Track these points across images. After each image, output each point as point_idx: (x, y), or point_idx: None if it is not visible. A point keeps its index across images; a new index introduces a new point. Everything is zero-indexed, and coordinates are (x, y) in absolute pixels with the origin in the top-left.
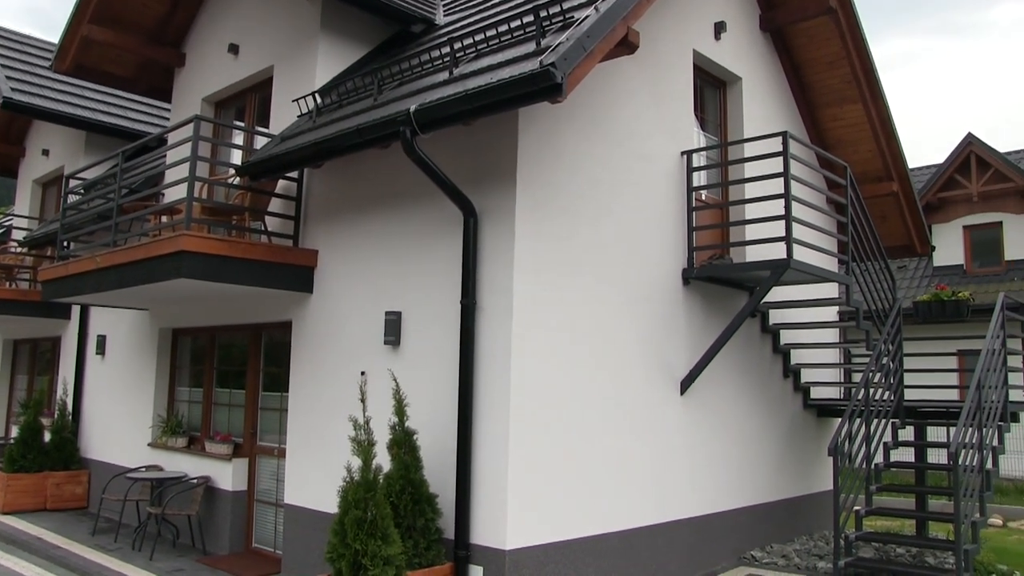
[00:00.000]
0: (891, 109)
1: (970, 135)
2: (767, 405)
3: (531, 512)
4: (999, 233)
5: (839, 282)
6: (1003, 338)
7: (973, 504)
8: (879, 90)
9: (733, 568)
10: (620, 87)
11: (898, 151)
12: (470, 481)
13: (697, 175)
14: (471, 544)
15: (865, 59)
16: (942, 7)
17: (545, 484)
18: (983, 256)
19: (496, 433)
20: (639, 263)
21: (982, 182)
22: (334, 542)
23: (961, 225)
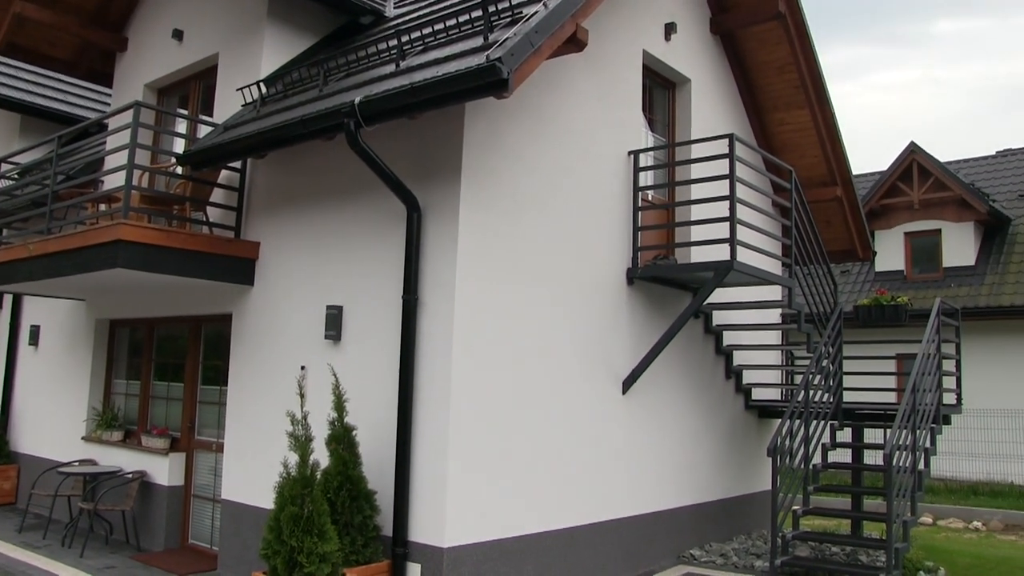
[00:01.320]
0: (837, 115)
1: (913, 144)
2: (709, 405)
3: (470, 510)
4: (938, 240)
5: (782, 285)
6: (938, 343)
7: (905, 504)
8: (826, 96)
9: (672, 567)
10: (568, 85)
11: (843, 157)
12: (409, 478)
13: (644, 175)
14: (409, 541)
15: (813, 65)
16: (887, 19)
17: (485, 482)
18: (922, 262)
19: (436, 430)
20: (584, 262)
21: (923, 190)
22: (269, 538)
23: (902, 232)
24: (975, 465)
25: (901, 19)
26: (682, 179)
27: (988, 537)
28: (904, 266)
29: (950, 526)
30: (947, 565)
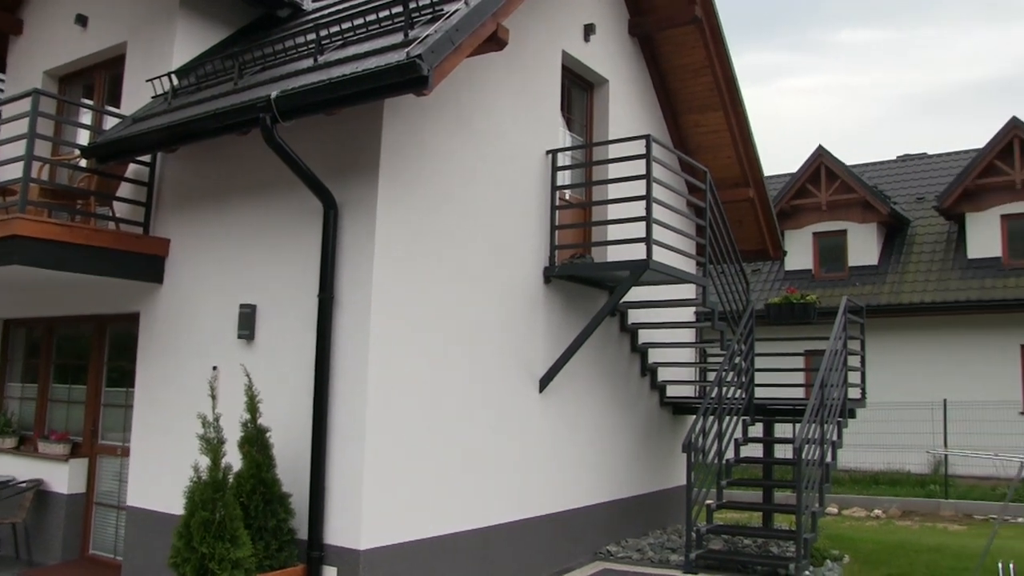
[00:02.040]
0: (749, 118)
1: (820, 148)
2: (624, 403)
3: (387, 511)
4: (844, 241)
5: (696, 283)
6: (845, 339)
7: (813, 495)
8: (739, 99)
9: (589, 563)
10: (488, 83)
11: (755, 159)
12: (324, 480)
13: (561, 174)
14: (325, 544)
15: (727, 69)
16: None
17: (402, 483)
18: (829, 262)
19: (352, 430)
20: (501, 260)
21: (830, 192)
22: (178, 546)
23: (811, 232)
24: (876, 456)
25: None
26: (599, 179)
27: (888, 524)
28: (812, 265)
29: (854, 515)
30: (851, 552)
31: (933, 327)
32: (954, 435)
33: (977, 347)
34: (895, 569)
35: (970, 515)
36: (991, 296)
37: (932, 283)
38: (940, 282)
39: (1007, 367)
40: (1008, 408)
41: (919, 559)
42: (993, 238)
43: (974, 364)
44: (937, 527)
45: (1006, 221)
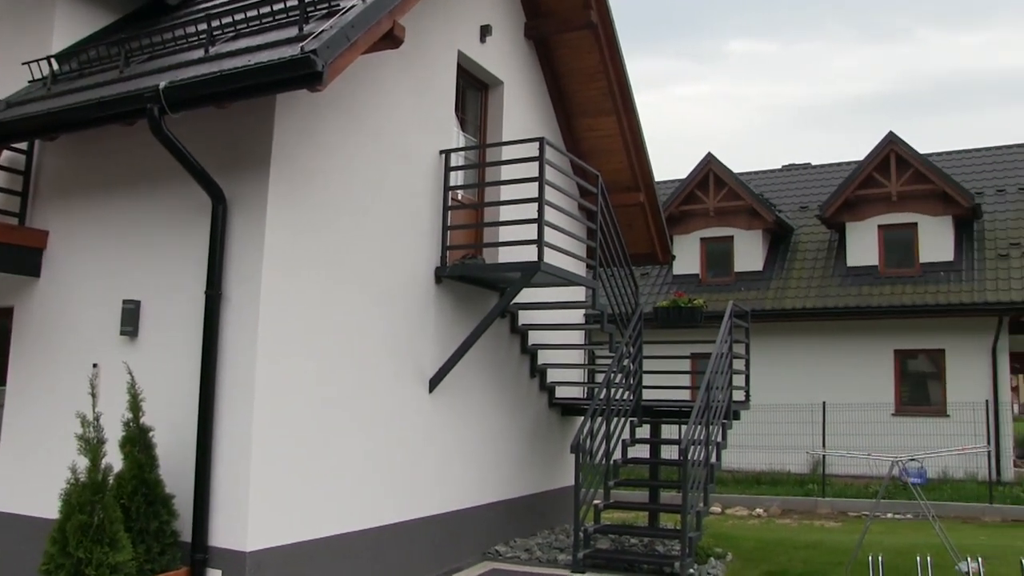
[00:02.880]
0: (642, 124)
1: (710, 155)
2: (514, 404)
3: (275, 512)
4: (730, 246)
5: (586, 286)
6: (730, 343)
7: (698, 495)
8: (632, 105)
9: (478, 563)
10: (383, 82)
11: (646, 164)
12: (210, 480)
13: (455, 175)
14: (210, 547)
15: (621, 74)
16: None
17: (290, 483)
18: (716, 267)
19: (239, 429)
20: (393, 259)
21: (718, 199)
22: (52, 551)
23: (699, 237)
24: (758, 456)
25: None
26: (492, 180)
27: (769, 522)
28: (700, 270)
29: (736, 514)
30: (734, 550)
31: (814, 332)
32: (832, 436)
33: (855, 352)
34: (775, 565)
35: (845, 512)
36: (868, 303)
37: (814, 290)
38: (821, 289)
39: (882, 371)
40: (882, 410)
41: (797, 555)
42: (871, 247)
43: (852, 368)
44: (815, 524)
45: (883, 231)
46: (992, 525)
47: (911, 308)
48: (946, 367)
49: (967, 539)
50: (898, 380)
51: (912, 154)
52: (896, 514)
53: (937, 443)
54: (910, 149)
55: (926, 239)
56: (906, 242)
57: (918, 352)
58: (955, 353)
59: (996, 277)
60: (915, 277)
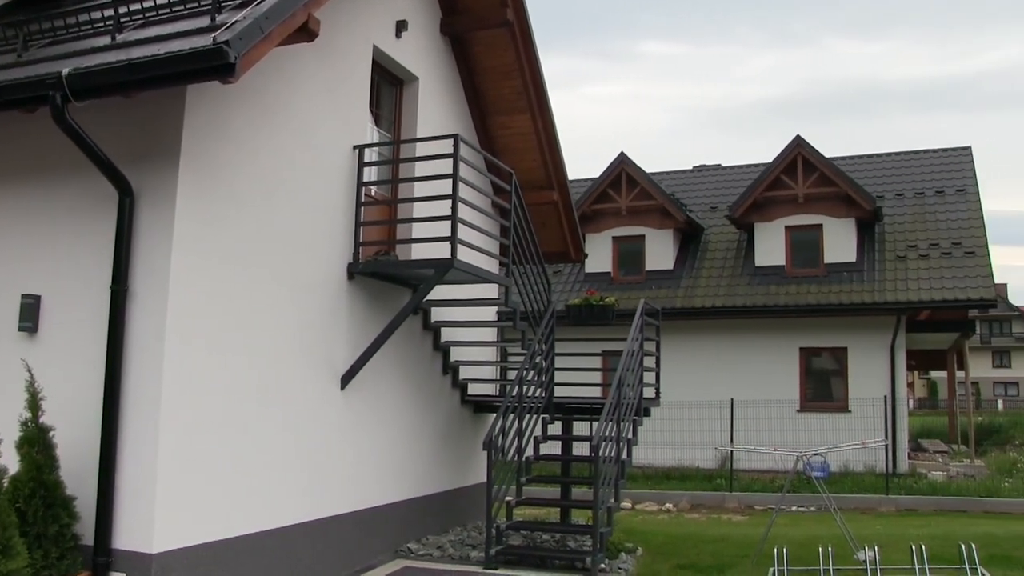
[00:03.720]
0: (556, 123)
1: (623, 154)
2: (426, 401)
3: (182, 511)
4: (642, 245)
5: (499, 283)
6: (641, 341)
7: (609, 491)
8: (546, 103)
9: (390, 561)
10: (297, 75)
11: (560, 162)
12: (114, 480)
13: (368, 170)
14: (113, 549)
15: (536, 73)
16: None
17: (199, 482)
18: (628, 265)
19: (145, 428)
20: (305, 255)
21: (630, 198)
22: None
23: (611, 236)
24: (668, 452)
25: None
26: (406, 176)
27: (678, 517)
28: (612, 268)
29: (646, 509)
30: (644, 544)
31: (723, 330)
32: (740, 432)
33: (762, 349)
34: (684, 559)
35: (752, 506)
36: (775, 302)
37: (723, 288)
38: (730, 288)
39: (788, 368)
40: (788, 406)
41: (706, 549)
42: (778, 248)
43: (759, 365)
44: (722, 518)
45: (790, 232)
46: (888, 515)
47: (816, 307)
48: (848, 364)
49: (865, 529)
50: (803, 377)
51: (818, 157)
52: (800, 507)
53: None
54: (816, 153)
55: (830, 240)
56: (812, 243)
57: (822, 350)
58: (856, 351)
59: (895, 278)
60: (820, 277)
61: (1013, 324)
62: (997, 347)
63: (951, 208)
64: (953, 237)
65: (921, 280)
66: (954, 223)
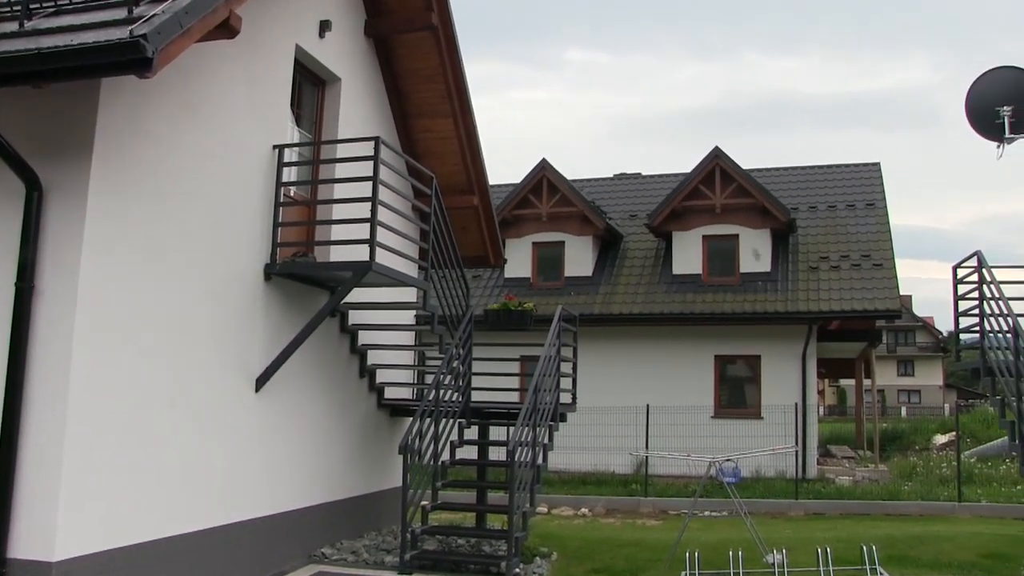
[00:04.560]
0: (478, 127)
1: (544, 161)
2: (342, 404)
3: (88, 517)
4: (561, 251)
5: (418, 287)
6: (558, 346)
7: (525, 496)
8: (469, 108)
9: (303, 567)
10: (217, 72)
11: (481, 167)
12: (13, 486)
13: (288, 170)
14: (9, 559)
15: (459, 77)
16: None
17: (105, 486)
18: (547, 271)
19: (50, 429)
20: (221, 254)
21: (551, 204)
22: None
23: (531, 242)
24: (585, 458)
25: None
26: (326, 177)
27: (593, 521)
28: (531, 274)
29: (562, 514)
30: (559, 549)
31: (640, 337)
32: (655, 438)
33: (678, 356)
34: (599, 563)
35: (666, 511)
36: (692, 310)
37: (641, 296)
38: (648, 295)
39: (703, 375)
40: (702, 412)
41: (620, 553)
42: (695, 256)
43: (675, 372)
44: (637, 523)
45: (707, 241)
46: (797, 519)
47: (731, 316)
48: (761, 372)
49: (775, 533)
50: (717, 384)
51: (735, 169)
52: (713, 511)
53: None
54: (734, 164)
55: (746, 250)
56: (728, 252)
57: (736, 358)
58: (769, 359)
59: (807, 288)
60: (735, 286)
61: (917, 334)
62: (902, 356)
63: (861, 222)
64: (862, 250)
65: (832, 291)
66: (863, 236)
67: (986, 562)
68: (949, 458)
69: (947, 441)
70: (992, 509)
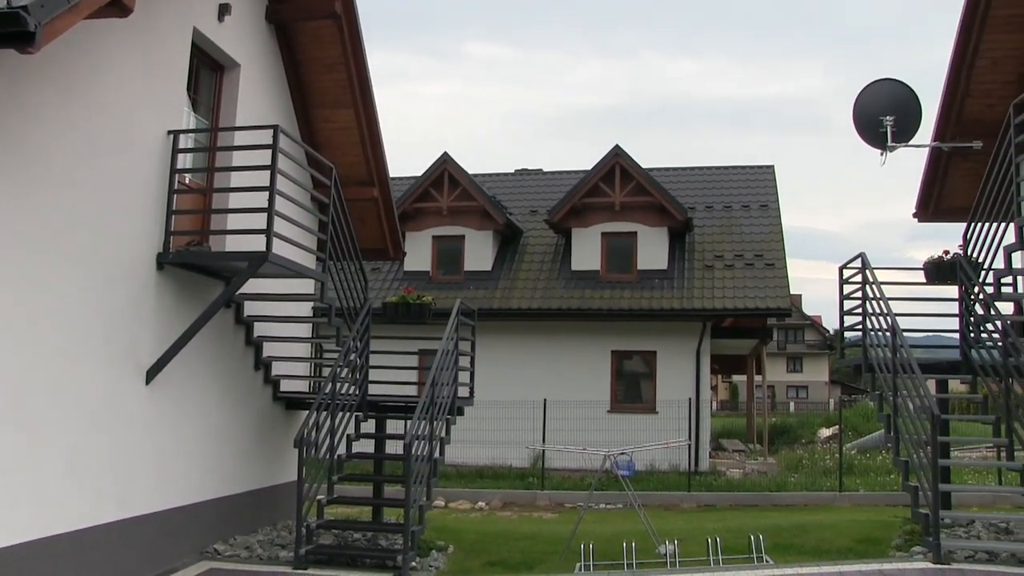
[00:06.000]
0: (380, 119)
1: (446, 154)
2: (237, 397)
3: None
4: (461, 245)
5: (315, 279)
6: (456, 340)
7: (421, 490)
8: (371, 99)
9: (194, 564)
10: (109, 52)
11: (382, 159)
12: None
13: (183, 157)
14: None
15: (362, 68)
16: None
17: None
18: (447, 265)
19: None
20: (111, 242)
21: (452, 198)
22: None
23: (431, 235)
24: (482, 451)
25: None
26: (223, 165)
27: (490, 515)
28: (431, 267)
29: (459, 507)
30: (456, 542)
31: (539, 332)
32: (552, 432)
33: (576, 351)
34: (494, 556)
35: (562, 504)
36: (590, 306)
37: (539, 291)
38: (547, 290)
39: (600, 370)
40: (599, 407)
41: (516, 546)
42: (594, 253)
43: (572, 367)
44: (534, 516)
45: (606, 239)
46: (689, 511)
47: (628, 312)
48: (657, 367)
49: (667, 524)
50: (614, 379)
51: (635, 167)
52: (608, 504)
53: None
54: (633, 163)
55: (644, 248)
56: (626, 250)
57: (633, 353)
58: (665, 354)
59: (702, 286)
60: (633, 283)
61: (806, 332)
62: (791, 353)
63: (755, 222)
64: (756, 249)
65: (726, 289)
66: (757, 236)
67: (860, 547)
68: (832, 450)
69: (831, 434)
70: (869, 497)
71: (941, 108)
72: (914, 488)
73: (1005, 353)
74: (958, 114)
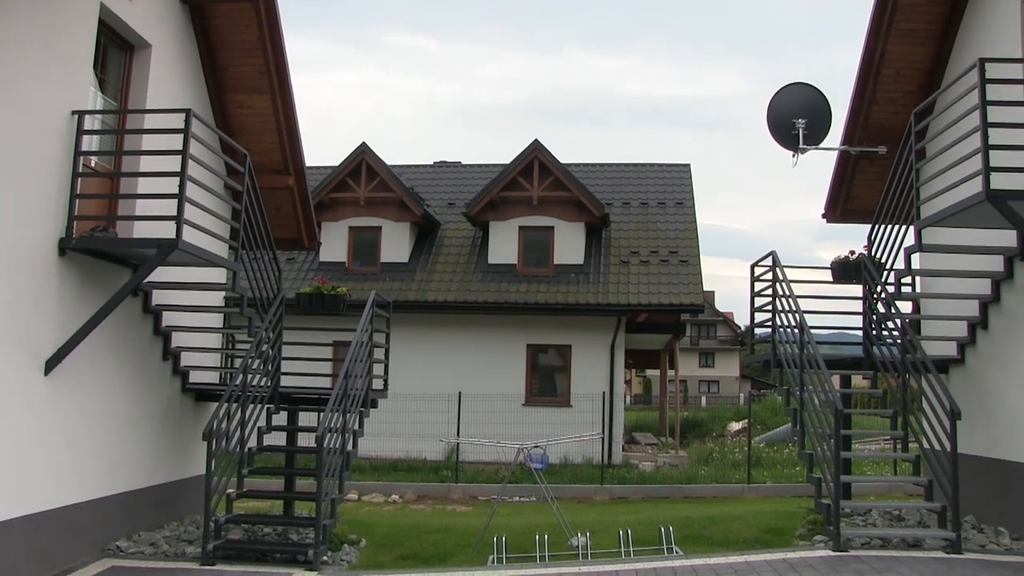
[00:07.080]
0: (297, 106)
1: (364, 145)
2: (143, 388)
3: None
4: (378, 237)
5: (227, 267)
6: (371, 332)
7: (334, 483)
8: (288, 86)
9: (95, 561)
10: (8, 26)
11: (298, 147)
12: None
13: (89, 139)
14: None
15: (279, 53)
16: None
17: None
18: (363, 256)
19: None
20: (7, 226)
21: (369, 189)
22: None
23: (348, 226)
24: (397, 444)
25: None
26: (132, 149)
27: (404, 508)
28: (347, 258)
29: (373, 500)
30: (368, 536)
31: (455, 324)
32: (467, 424)
33: (491, 345)
34: (407, 549)
35: (476, 497)
36: (506, 299)
37: (456, 283)
38: (463, 283)
39: (515, 363)
40: (514, 400)
41: (429, 539)
42: (511, 247)
43: (488, 360)
44: (447, 509)
45: (523, 233)
46: (602, 504)
47: (544, 306)
48: (572, 361)
49: (580, 517)
50: (529, 372)
51: (553, 162)
52: (522, 497)
53: (561, 431)
54: (552, 158)
55: (561, 243)
56: (543, 244)
57: (548, 347)
58: (580, 348)
59: (618, 281)
60: (549, 277)
61: (718, 328)
62: (704, 349)
63: (670, 219)
64: (671, 246)
65: (641, 284)
66: (672, 233)
67: (767, 537)
68: (742, 444)
69: (740, 428)
70: (775, 489)
71: (850, 113)
72: (818, 480)
73: (903, 350)
74: (865, 120)
